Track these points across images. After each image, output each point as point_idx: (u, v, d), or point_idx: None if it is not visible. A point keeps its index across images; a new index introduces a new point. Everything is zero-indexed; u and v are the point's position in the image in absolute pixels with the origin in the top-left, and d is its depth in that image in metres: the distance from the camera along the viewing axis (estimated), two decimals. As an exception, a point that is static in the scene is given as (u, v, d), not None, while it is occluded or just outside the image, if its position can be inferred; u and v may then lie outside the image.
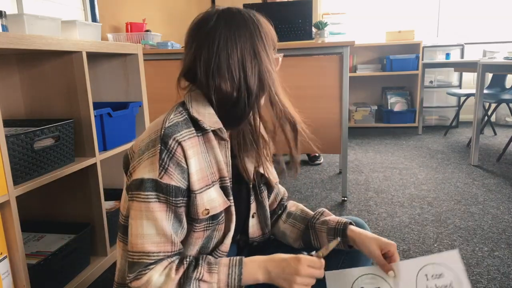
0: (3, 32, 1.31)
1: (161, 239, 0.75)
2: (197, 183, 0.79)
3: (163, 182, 0.75)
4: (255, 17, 0.84)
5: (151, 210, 0.75)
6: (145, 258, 0.75)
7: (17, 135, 1.15)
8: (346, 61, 2.29)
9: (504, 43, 4.35)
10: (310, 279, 0.77)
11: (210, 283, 0.75)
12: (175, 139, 0.76)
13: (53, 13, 2.11)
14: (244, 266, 0.78)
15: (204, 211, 0.80)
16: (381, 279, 0.83)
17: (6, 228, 1.10)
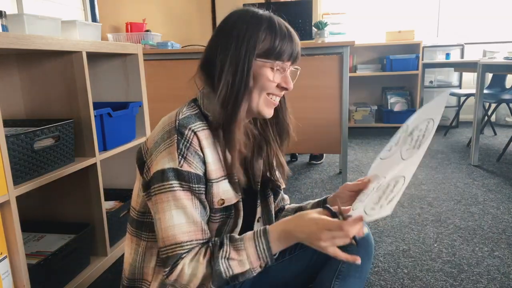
0: (3, 32, 1.31)
1: (192, 228, 0.76)
2: (214, 173, 0.81)
3: (184, 170, 0.76)
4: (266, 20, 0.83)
5: (178, 198, 0.76)
6: (179, 249, 0.76)
7: (17, 135, 1.15)
8: (346, 61, 2.29)
9: (504, 43, 4.35)
10: (335, 241, 0.75)
11: (239, 260, 0.76)
12: (190, 129, 0.78)
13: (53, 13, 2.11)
14: (270, 235, 0.77)
15: (220, 200, 0.82)
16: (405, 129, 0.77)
17: (6, 228, 1.10)
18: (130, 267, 0.91)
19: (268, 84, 0.83)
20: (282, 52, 0.82)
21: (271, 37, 0.81)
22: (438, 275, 1.47)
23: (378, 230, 1.86)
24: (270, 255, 0.77)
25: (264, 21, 0.82)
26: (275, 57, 0.82)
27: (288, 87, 0.86)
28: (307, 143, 2.50)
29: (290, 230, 0.78)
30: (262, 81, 0.82)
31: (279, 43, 0.81)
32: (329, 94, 2.38)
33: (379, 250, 1.67)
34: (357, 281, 0.92)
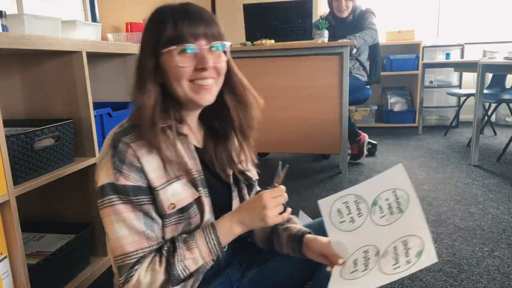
0: (3, 32, 1.31)
1: (135, 238, 0.78)
2: (157, 180, 0.80)
3: (120, 184, 0.78)
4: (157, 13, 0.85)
5: (118, 212, 0.78)
6: (127, 259, 0.78)
7: (17, 135, 1.15)
8: (346, 61, 2.29)
9: (504, 43, 4.35)
10: (278, 207, 0.82)
11: (193, 258, 0.79)
12: (123, 142, 0.79)
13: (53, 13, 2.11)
14: (218, 228, 0.81)
15: (170, 205, 0.82)
16: (359, 201, 0.83)
17: (6, 228, 1.10)
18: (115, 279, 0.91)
19: (179, 70, 0.81)
20: (181, 35, 0.80)
21: (166, 25, 0.80)
22: (438, 275, 1.47)
23: (378, 230, 1.86)
24: (220, 248, 0.81)
25: (161, 14, 0.83)
26: (176, 42, 0.80)
27: (203, 66, 0.82)
28: (307, 143, 2.50)
29: (236, 219, 0.82)
30: (174, 70, 0.81)
31: (173, 27, 0.80)
32: (329, 94, 2.38)
33: (379, 250, 1.67)
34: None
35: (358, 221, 0.82)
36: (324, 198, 0.84)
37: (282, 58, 2.44)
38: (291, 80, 2.44)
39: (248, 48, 2.46)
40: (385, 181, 0.81)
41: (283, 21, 2.66)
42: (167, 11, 0.82)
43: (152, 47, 0.82)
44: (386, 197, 0.81)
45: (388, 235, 0.80)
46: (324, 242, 0.87)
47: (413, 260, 0.77)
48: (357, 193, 0.82)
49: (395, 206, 0.81)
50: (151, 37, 0.82)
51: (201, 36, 0.82)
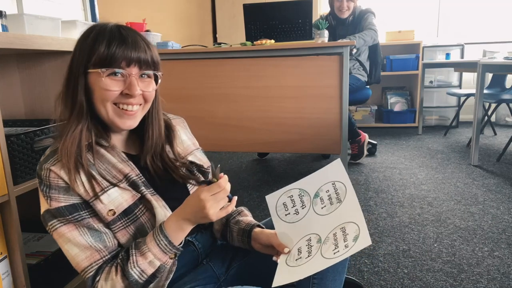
0: (3, 32, 1.31)
1: (87, 253, 0.82)
2: (88, 193, 0.82)
3: (53, 208, 0.82)
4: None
5: (62, 234, 0.83)
6: (87, 274, 0.82)
7: (17, 135, 1.15)
8: (346, 61, 2.29)
9: (504, 43, 4.35)
10: (219, 202, 0.81)
11: (149, 261, 0.81)
12: (44, 168, 0.82)
13: (53, 13, 2.11)
14: (166, 229, 0.82)
15: (109, 212, 0.83)
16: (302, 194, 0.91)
17: (6, 228, 1.10)
18: None
19: (106, 93, 0.82)
20: (112, 58, 0.80)
21: (98, 45, 0.80)
22: (438, 275, 1.47)
23: (378, 230, 1.86)
24: (173, 246, 0.82)
25: (94, 31, 0.83)
26: (106, 66, 0.81)
27: (130, 93, 0.83)
28: (307, 143, 2.50)
29: (182, 217, 0.82)
30: (99, 92, 0.82)
31: (106, 49, 0.80)
32: (329, 94, 2.38)
33: (379, 250, 1.67)
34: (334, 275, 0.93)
35: (301, 212, 0.90)
36: (271, 194, 0.93)
37: (282, 58, 2.44)
38: (291, 80, 2.44)
39: (248, 48, 2.46)
40: (325, 175, 0.91)
41: (283, 21, 2.66)
42: (103, 31, 0.82)
43: (82, 64, 0.82)
44: (326, 189, 0.90)
45: (328, 223, 0.87)
46: (271, 233, 0.94)
47: (351, 244, 0.82)
48: (300, 187, 0.92)
49: (334, 197, 0.89)
50: (83, 54, 0.82)
51: (134, 62, 0.83)
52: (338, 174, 0.90)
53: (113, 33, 0.82)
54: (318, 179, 0.91)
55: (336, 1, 3.09)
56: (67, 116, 0.84)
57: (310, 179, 0.92)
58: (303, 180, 0.92)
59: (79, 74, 0.83)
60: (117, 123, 0.86)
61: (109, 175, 0.86)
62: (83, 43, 0.83)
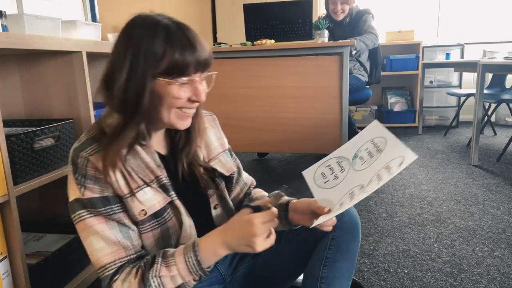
0: (3, 32, 1.31)
1: (112, 249, 0.79)
2: (123, 188, 0.80)
3: (85, 198, 0.78)
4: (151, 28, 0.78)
5: (90, 225, 0.79)
6: (106, 271, 0.79)
7: (17, 135, 1.15)
8: (346, 61, 2.29)
9: (504, 43, 4.35)
10: (268, 232, 0.78)
11: (171, 276, 0.77)
12: (82, 156, 0.78)
13: (53, 13, 2.11)
14: (198, 248, 0.78)
15: (141, 212, 0.81)
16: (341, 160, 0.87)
17: (6, 228, 1.10)
18: None
19: (175, 101, 0.79)
20: (185, 65, 0.76)
21: (170, 51, 0.75)
22: (438, 275, 1.47)
23: (378, 230, 1.86)
24: (201, 269, 0.77)
25: (160, 32, 0.76)
26: (178, 73, 0.77)
27: (198, 100, 0.81)
28: (307, 143, 2.50)
29: (220, 240, 0.79)
30: (168, 99, 0.78)
31: (179, 57, 0.75)
32: (329, 94, 2.38)
33: (379, 250, 1.67)
34: (345, 264, 0.93)
35: (341, 176, 0.86)
36: (307, 169, 0.90)
37: (282, 58, 2.44)
38: (291, 80, 2.44)
39: (248, 48, 2.46)
40: (362, 137, 0.86)
41: (283, 21, 2.66)
42: (170, 33, 0.76)
43: (151, 68, 0.76)
44: (365, 148, 0.84)
45: (371, 171, 0.81)
46: (310, 200, 0.92)
47: (396, 170, 0.77)
48: (338, 155, 0.87)
49: (374, 150, 0.83)
50: (150, 57, 0.75)
51: (202, 67, 0.80)
52: (376, 132, 0.85)
53: (181, 37, 0.77)
54: (355, 143, 0.86)
55: (330, 4, 3.09)
56: (123, 118, 0.79)
57: (347, 145, 0.87)
58: (339, 149, 0.87)
59: (147, 79, 0.76)
60: (177, 125, 0.83)
61: (142, 173, 0.83)
62: (149, 44, 0.75)
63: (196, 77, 0.80)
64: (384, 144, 0.82)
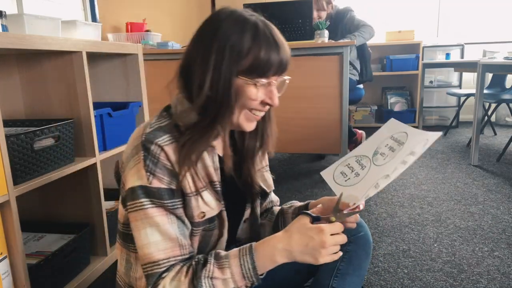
0: (3, 32, 1.31)
1: (168, 244, 0.74)
2: (188, 187, 0.77)
3: (153, 187, 0.74)
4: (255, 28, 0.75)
5: (150, 216, 0.74)
6: (156, 268, 0.74)
7: (17, 135, 1.15)
8: (346, 61, 2.29)
9: (504, 43, 4.35)
10: (335, 247, 0.74)
11: (223, 279, 0.72)
12: (156, 144, 0.74)
13: (53, 13, 2.11)
14: (256, 253, 0.74)
15: (200, 213, 0.79)
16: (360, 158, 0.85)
17: (6, 228, 1.10)
18: (126, 276, 0.90)
19: (250, 102, 0.77)
20: (268, 66, 0.74)
21: (256, 50, 0.73)
22: (438, 275, 1.47)
23: (378, 230, 1.86)
24: (255, 275, 0.73)
25: (249, 30, 0.74)
26: (258, 74, 0.75)
27: (272, 104, 0.80)
28: (307, 143, 2.50)
29: (282, 246, 0.74)
30: (243, 99, 0.76)
31: (264, 56, 0.73)
32: (329, 94, 2.38)
33: (379, 250, 1.67)
34: (355, 279, 0.92)
35: (362, 173, 0.82)
36: (325, 170, 0.87)
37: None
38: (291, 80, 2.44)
39: (248, 48, 2.46)
40: (382, 134, 0.84)
41: (283, 21, 2.66)
42: (257, 32, 0.74)
43: (235, 65, 0.73)
44: (385, 144, 0.82)
45: (395, 161, 0.79)
46: (331, 197, 0.89)
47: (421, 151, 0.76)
48: (357, 154, 0.84)
49: (395, 144, 0.81)
50: (235, 54, 0.73)
51: (282, 69, 0.78)
52: (395, 128, 0.83)
53: (268, 35, 0.74)
54: (374, 141, 0.84)
55: None
56: (204, 116, 0.76)
57: (365, 144, 0.85)
58: (358, 148, 0.85)
59: (232, 76, 0.73)
60: (243, 127, 0.81)
61: (202, 174, 0.80)
62: (237, 40, 0.73)
63: (273, 79, 0.78)
64: (405, 137, 0.80)
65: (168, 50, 2.54)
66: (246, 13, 0.77)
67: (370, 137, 0.86)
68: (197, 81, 0.75)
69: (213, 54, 0.74)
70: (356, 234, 0.94)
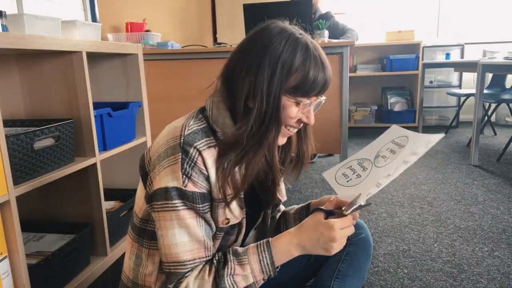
0: (3, 32, 1.31)
1: (195, 246, 0.76)
2: (219, 192, 0.78)
3: (188, 190, 0.74)
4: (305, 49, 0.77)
5: (181, 218, 0.75)
6: (181, 268, 0.75)
7: (17, 135, 1.15)
8: (346, 61, 2.29)
9: (504, 43, 4.35)
10: (344, 239, 0.78)
11: (244, 275, 0.76)
12: (195, 148, 0.75)
13: (53, 13, 2.10)
14: (273, 248, 0.78)
15: (225, 220, 0.81)
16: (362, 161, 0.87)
17: (6, 228, 1.10)
18: (133, 271, 0.90)
19: (289, 120, 0.79)
20: (313, 87, 0.76)
21: (305, 69, 0.75)
22: (438, 275, 1.47)
23: (378, 230, 1.86)
24: (273, 268, 0.77)
25: (300, 49, 0.75)
26: (302, 94, 0.76)
27: (309, 123, 0.82)
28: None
29: (296, 242, 0.78)
30: (283, 116, 0.78)
31: (311, 76, 0.75)
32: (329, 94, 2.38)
33: (379, 250, 1.67)
34: (356, 280, 0.92)
35: (364, 174, 0.84)
36: (327, 170, 0.90)
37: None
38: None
39: (248, 48, 2.46)
40: (383, 139, 0.87)
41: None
42: (309, 53, 0.76)
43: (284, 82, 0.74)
44: (387, 148, 0.84)
45: (397, 162, 0.81)
46: (331, 196, 0.90)
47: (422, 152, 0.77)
48: (358, 157, 0.87)
49: (396, 147, 0.83)
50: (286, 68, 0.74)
51: (324, 89, 0.79)
52: (396, 133, 0.86)
53: (317, 55, 0.77)
54: (375, 146, 0.87)
55: None
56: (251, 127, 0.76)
57: (366, 148, 0.88)
58: (360, 152, 0.88)
59: (281, 92, 0.75)
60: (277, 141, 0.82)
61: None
62: (289, 56, 0.74)
63: (314, 99, 0.79)
64: (406, 140, 0.83)
65: (168, 50, 2.54)
66: (296, 32, 0.78)
67: (372, 142, 0.89)
68: (245, 91, 0.76)
69: (265, 68, 0.74)
70: (356, 236, 0.94)
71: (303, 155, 0.91)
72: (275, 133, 0.78)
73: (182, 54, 2.52)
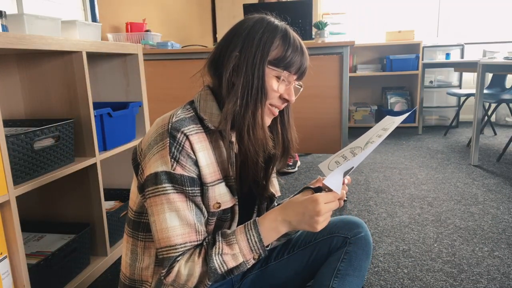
0: (3, 32, 1.31)
1: (186, 230, 0.77)
2: (209, 176, 0.81)
3: (176, 173, 0.77)
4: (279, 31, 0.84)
5: (171, 201, 0.77)
6: (173, 252, 0.77)
7: (17, 135, 1.15)
8: (346, 61, 2.29)
9: (504, 43, 4.35)
10: (329, 214, 0.80)
11: (232, 254, 0.77)
12: (182, 132, 0.78)
13: (53, 13, 2.10)
14: (260, 226, 0.79)
15: (216, 204, 0.82)
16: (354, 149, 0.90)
17: (6, 228, 1.10)
18: (130, 268, 0.91)
19: (271, 93, 0.83)
20: (292, 63, 0.82)
21: (283, 46, 0.81)
22: (438, 275, 1.47)
23: (378, 230, 1.86)
24: (262, 246, 0.79)
25: (280, 30, 0.83)
26: (284, 67, 0.82)
27: (290, 100, 0.86)
28: (307, 143, 2.50)
29: (282, 218, 0.80)
30: (265, 90, 0.82)
31: (290, 54, 0.81)
32: (329, 94, 2.38)
33: (379, 250, 1.67)
34: (355, 279, 0.92)
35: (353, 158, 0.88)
36: (323, 162, 0.94)
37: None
38: (291, 80, 2.44)
39: (248, 48, 2.46)
40: (375, 128, 0.91)
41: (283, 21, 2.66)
42: (287, 34, 0.83)
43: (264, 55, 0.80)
44: (376, 134, 0.88)
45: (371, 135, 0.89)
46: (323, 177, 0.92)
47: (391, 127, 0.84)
48: (352, 146, 0.91)
49: (382, 132, 0.87)
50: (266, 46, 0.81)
51: (301, 74, 0.86)
52: (388, 120, 0.91)
53: (295, 41, 0.83)
54: (368, 134, 0.92)
55: None
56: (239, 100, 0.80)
57: (362, 137, 0.92)
58: (354, 142, 0.92)
59: (264, 63, 0.80)
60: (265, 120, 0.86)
61: (220, 167, 0.84)
62: (269, 36, 0.81)
63: (293, 78, 0.85)
64: (392, 124, 0.87)
65: (168, 50, 2.54)
66: (276, 19, 0.86)
67: (366, 132, 0.93)
68: (231, 66, 0.80)
69: (249, 43, 0.80)
70: (356, 235, 0.95)
71: (288, 143, 0.94)
72: (262, 105, 0.82)
73: (182, 54, 2.52)
